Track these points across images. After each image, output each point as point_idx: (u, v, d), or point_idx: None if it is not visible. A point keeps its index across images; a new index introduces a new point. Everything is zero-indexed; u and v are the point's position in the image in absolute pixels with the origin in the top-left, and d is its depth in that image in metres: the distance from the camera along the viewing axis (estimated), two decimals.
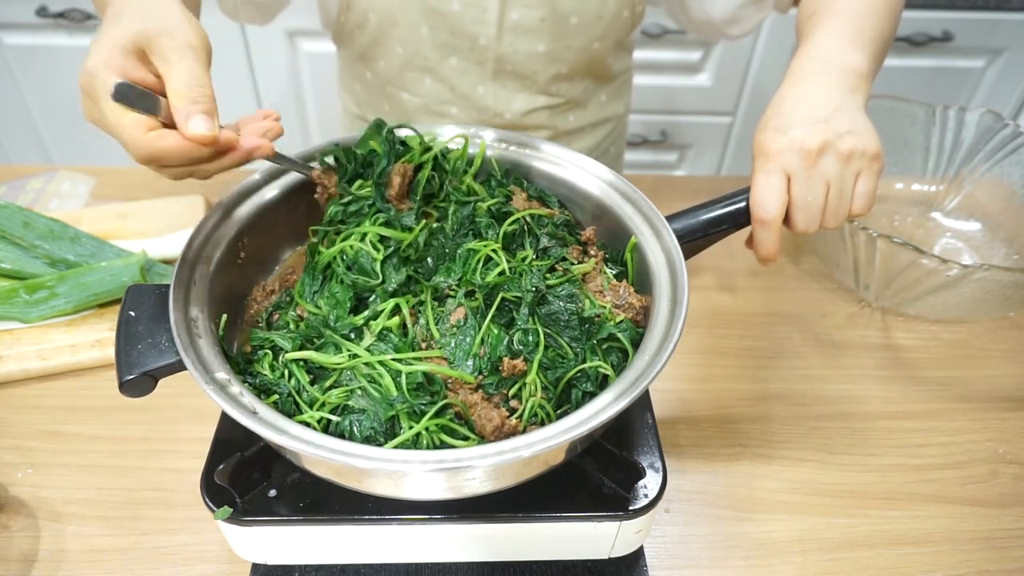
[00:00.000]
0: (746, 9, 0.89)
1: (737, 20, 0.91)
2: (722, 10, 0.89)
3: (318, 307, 0.58)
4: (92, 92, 0.52)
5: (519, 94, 0.95)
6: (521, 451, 0.44)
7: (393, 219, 0.63)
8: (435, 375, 0.52)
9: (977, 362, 0.86)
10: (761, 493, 0.71)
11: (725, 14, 0.90)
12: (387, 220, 0.63)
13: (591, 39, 0.91)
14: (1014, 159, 0.96)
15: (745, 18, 0.90)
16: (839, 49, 0.65)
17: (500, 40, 0.88)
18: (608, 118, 1.07)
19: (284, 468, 0.57)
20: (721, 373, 0.83)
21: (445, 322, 0.56)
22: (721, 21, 0.91)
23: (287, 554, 0.60)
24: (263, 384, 0.53)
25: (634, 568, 0.64)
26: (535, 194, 0.69)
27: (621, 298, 0.59)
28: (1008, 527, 0.69)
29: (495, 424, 0.50)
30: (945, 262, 0.75)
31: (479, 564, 0.62)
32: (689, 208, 0.62)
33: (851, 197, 0.61)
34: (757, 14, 0.90)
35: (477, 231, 0.63)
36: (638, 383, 0.48)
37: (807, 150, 0.59)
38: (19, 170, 1.11)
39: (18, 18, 1.62)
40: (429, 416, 0.50)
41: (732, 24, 0.91)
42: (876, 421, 0.78)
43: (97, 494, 0.69)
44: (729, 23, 0.91)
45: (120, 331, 0.51)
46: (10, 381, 0.78)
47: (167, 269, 0.87)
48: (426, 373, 0.52)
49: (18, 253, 0.85)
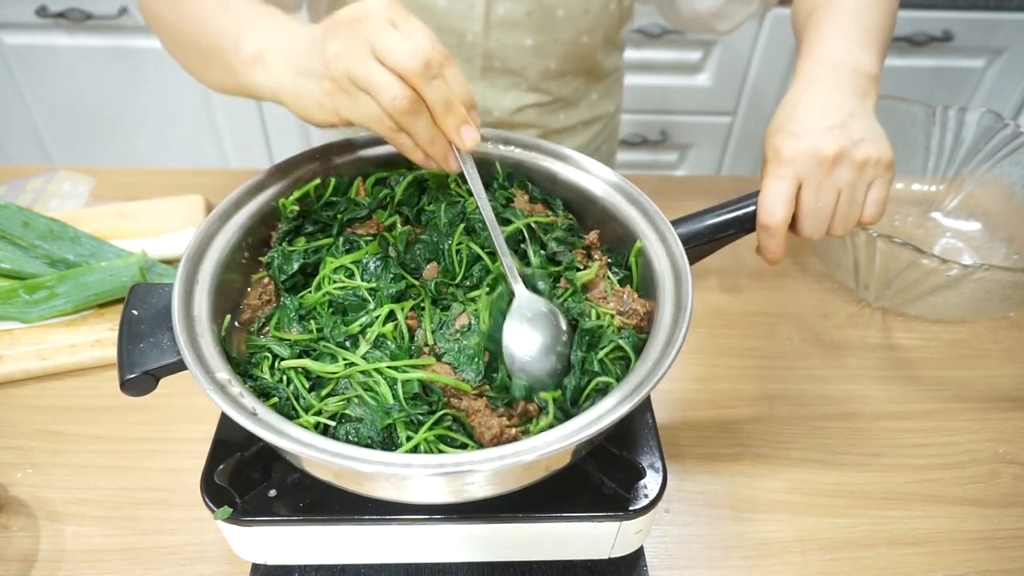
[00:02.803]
0: (732, 4, 0.90)
1: (724, 15, 0.92)
2: (709, 4, 0.90)
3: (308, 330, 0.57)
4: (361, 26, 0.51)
5: (508, 92, 0.95)
6: (522, 456, 0.44)
7: (355, 240, 0.62)
8: (433, 383, 0.52)
9: (977, 362, 0.86)
10: (761, 493, 0.71)
11: (712, 8, 0.91)
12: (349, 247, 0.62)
13: (579, 32, 0.91)
14: (1014, 159, 0.96)
15: (731, 13, 0.92)
16: (847, 50, 0.65)
17: (487, 36, 0.88)
18: (599, 116, 1.07)
19: (284, 468, 0.57)
20: (721, 373, 0.83)
21: (449, 327, 0.56)
22: (708, 16, 0.92)
23: (287, 554, 0.60)
24: (262, 387, 0.53)
25: (634, 568, 0.64)
26: (539, 196, 0.69)
27: (625, 303, 0.58)
28: (1008, 527, 0.69)
29: (494, 432, 0.50)
30: (945, 262, 0.75)
31: (479, 564, 0.62)
32: (695, 213, 0.62)
33: (862, 205, 0.61)
34: (744, 9, 0.91)
35: (471, 228, 0.63)
36: (640, 388, 0.48)
37: (823, 157, 0.59)
38: (19, 170, 1.11)
39: (18, 18, 1.62)
40: (426, 427, 0.50)
41: (719, 19, 0.92)
42: (876, 421, 0.78)
43: (97, 494, 0.69)
44: (716, 18, 0.92)
45: (122, 330, 0.51)
46: (10, 381, 0.78)
47: (167, 269, 0.87)
48: (423, 381, 0.52)
49: (18, 253, 0.85)
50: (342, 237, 0.63)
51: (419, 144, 0.55)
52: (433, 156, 0.56)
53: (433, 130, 0.54)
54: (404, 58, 0.49)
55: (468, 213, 0.64)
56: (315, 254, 0.62)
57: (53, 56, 1.69)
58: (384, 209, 0.67)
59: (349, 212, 0.65)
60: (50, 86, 1.75)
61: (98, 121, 1.83)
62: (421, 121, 0.53)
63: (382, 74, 0.50)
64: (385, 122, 0.52)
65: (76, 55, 1.69)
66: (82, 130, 1.85)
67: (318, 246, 0.63)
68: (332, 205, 0.66)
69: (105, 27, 1.65)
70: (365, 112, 0.52)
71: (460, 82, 0.53)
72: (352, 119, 0.53)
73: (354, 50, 0.50)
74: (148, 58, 1.68)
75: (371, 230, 0.64)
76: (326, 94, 0.53)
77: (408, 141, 0.54)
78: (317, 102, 0.54)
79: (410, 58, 0.49)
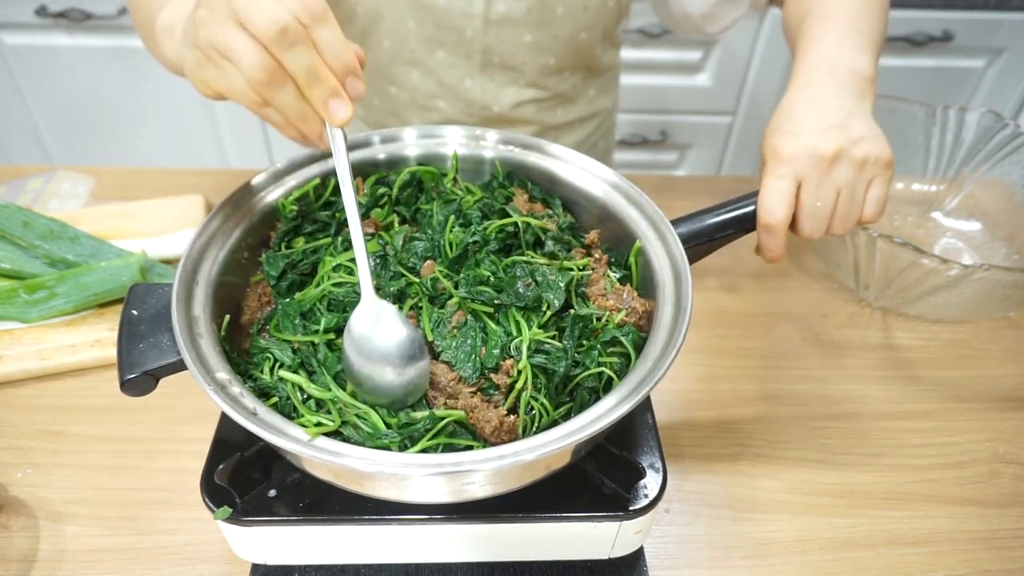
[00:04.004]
0: (722, 6, 0.91)
1: (713, 17, 0.92)
2: (699, 5, 0.91)
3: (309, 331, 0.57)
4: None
5: (507, 87, 0.95)
6: (522, 455, 0.44)
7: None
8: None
9: (977, 362, 0.86)
10: (761, 493, 0.71)
11: (702, 10, 0.91)
12: (348, 246, 0.61)
13: (577, 29, 0.91)
14: (1014, 159, 0.96)
15: (721, 15, 0.92)
16: (843, 52, 0.65)
17: (486, 32, 0.88)
18: (596, 113, 1.07)
19: (284, 468, 0.57)
20: (721, 373, 0.83)
21: (446, 324, 0.56)
22: (698, 17, 0.92)
23: (287, 554, 0.60)
24: (262, 387, 0.53)
25: (634, 568, 0.64)
26: (538, 196, 0.69)
27: (624, 302, 0.58)
28: (1008, 527, 0.69)
29: (494, 425, 0.50)
30: (945, 262, 0.75)
31: (479, 564, 0.62)
32: (695, 212, 0.62)
33: (862, 203, 0.61)
34: (733, 12, 0.92)
35: (468, 223, 0.63)
36: (641, 388, 0.48)
37: (822, 155, 0.59)
38: (19, 170, 1.11)
39: (18, 18, 1.62)
40: (424, 442, 0.50)
41: (709, 21, 0.93)
42: (876, 421, 0.78)
43: (97, 494, 0.69)
44: (706, 20, 0.93)
45: (122, 330, 0.51)
46: (10, 381, 0.78)
47: (167, 269, 0.87)
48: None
49: (18, 253, 0.85)
50: (340, 236, 0.63)
51: (290, 120, 0.49)
52: (305, 133, 0.50)
53: (302, 104, 0.48)
54: (260, 22, 0.44)
55: (464, 210, 0.64)
56: (314, 254, 0.62)
57: (53, 56, 1.69)
58: (382, 208, 0.67)
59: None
60: (50, 86, 1.75)
61: (98, 121, 1.83)
62: (284, 93, 0.47)
63: (241, 40, 0.45)
64: (249, 95, 0.47)
65: (76, 55, 1.69)
66: (82, 130, 1.85)
67: (316, 246, 0.63)
68: (331, 205, 0.66)
69: (105, 27, 1.65)
70: (230, 83, 0.47)
71: (335, 46, 0.47)
72: (221, 91, 0.49)
73: (216, 14, 0.46)
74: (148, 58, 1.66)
75: (369, 229, 0.64)
76: (197, 63, 0.49)
77: (277, 116, 0.49)
78: (193, 73, 0.50)
79: (265, 21, 0.44)
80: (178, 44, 0.53)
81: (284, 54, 0.45)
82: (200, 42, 0.47)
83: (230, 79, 0.47)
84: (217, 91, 0.50)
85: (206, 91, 0.51)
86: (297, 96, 0.48)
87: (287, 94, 0.47)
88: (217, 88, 0.49)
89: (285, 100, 0.48)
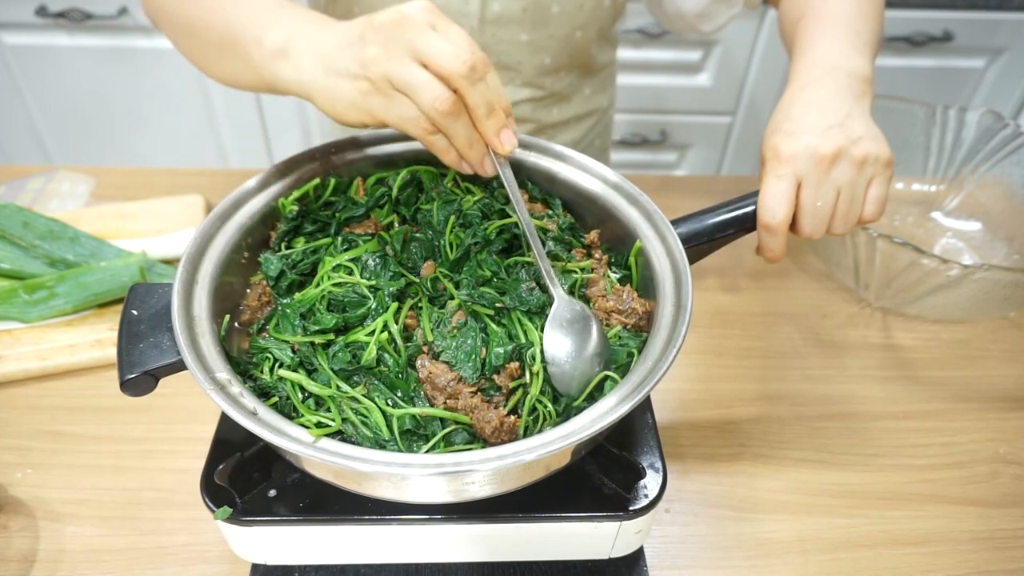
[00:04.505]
0: (716, 5, 0.91)
1: (707, 16, 0.93)
2: (692, 3, 0.91)
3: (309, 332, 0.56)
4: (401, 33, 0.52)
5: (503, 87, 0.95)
6: (522, 455, 0.44)
7: (353, 239, 0.62)
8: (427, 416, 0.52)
9: (977, 362, 0.86)
10: (761, 493, 0.71)
11: (696, 8, 0.92)
12: (348, 246, 0.62)
13: (573, 28, 0.91)
14: (1014, 159, 0.96)
15: (715, 14, 0.93)
16: (841, 53, 0.65)
17: (483, 31, 0.89)
18: (592, 111, 1.08)
19: (284, 468, 0.57)
20: (721, 373, 0.83)
21: (446, 324, 0.56)
22: (692, 15, 0.93)
23: (287, 554, 0.60)
24: (262, 387, 0.53)
25: (634, 568, 0.64)
26: (538, 196, 0.69)
27: (624, 303, 0.58)
28: (1008, 527, 0.69)
29: (494, 425, 0.50)
30: (945, 262, 0.75)
31: (479, 564, 0.62)
32: (695, 212, 0.62)
33: (862, 203, 0.61)
34: (727, 11, 0.92)
35: (467, 223, 0.63)
36: (641, 388, 0.48)
37: (821, 155, 0.59)
38: (19, 170, 1.11)
39: (18, 18, 1.62)
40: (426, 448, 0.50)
41: (703, 20, 0.93)
42: (876, 421, 0.78)
43: (97, 494, 0.69)
44: (700, 18, 0.93)
45: (122, 330, 0.51)
46: (10, 381, 0.78)
47: (167, 269, 0.87)
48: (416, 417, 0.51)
49: (18, 253, 0.85)
50: (340, 236, 0.63)
51: (456, 146, 0.56)
52: (469, 159, 0.57)
53: (472, 133, 0.55)
54: (450, 60, 0.51)
55: (464, 210, 0.64)
56: (314, 254, 0.62)
57: (53, 56, 1.69)
58: (382, 208, 0.67)
59: (347, 211, 0.65)
60: (50, 86, 1.75)
61: (98, 121, 1.83)
62: (460, 123, 0.54)
63: (423, 76, 0.51)
64: (421, 123, 0.53)
65: (76, 55, 1.69)
66: (82, 130, 1.85)
67: (316, 246, 0.63)
68: (331, 205, 0.66)
69: (105, 27, 1.65)
70: (400, 113, 0.53)
71: (500, 88, 0.54)
72: (386, 119, 0.54)
73: (393, 52, 0.51)
74: (148, 58, 1.68)
75: (369, 229, 0.64)
76: (361, 94, 0.53)
77: (443, 142, 0.55)
78: (350, 101, 0.54)
79: (455, 60, 0.51)
80: (311, 70, 0.55)
81: (469, 89, 0.52)
82: (372, 76, 0.52)
83: (401, 109, 0.53)
84: (377, 119, 0.54)
85: (352, 117, 0.55)
86: (469, 125, 0.55)
87: (462, 124, 0.54)
88: (382, 117, 0.54)
89: (458, 129, 0.54)
